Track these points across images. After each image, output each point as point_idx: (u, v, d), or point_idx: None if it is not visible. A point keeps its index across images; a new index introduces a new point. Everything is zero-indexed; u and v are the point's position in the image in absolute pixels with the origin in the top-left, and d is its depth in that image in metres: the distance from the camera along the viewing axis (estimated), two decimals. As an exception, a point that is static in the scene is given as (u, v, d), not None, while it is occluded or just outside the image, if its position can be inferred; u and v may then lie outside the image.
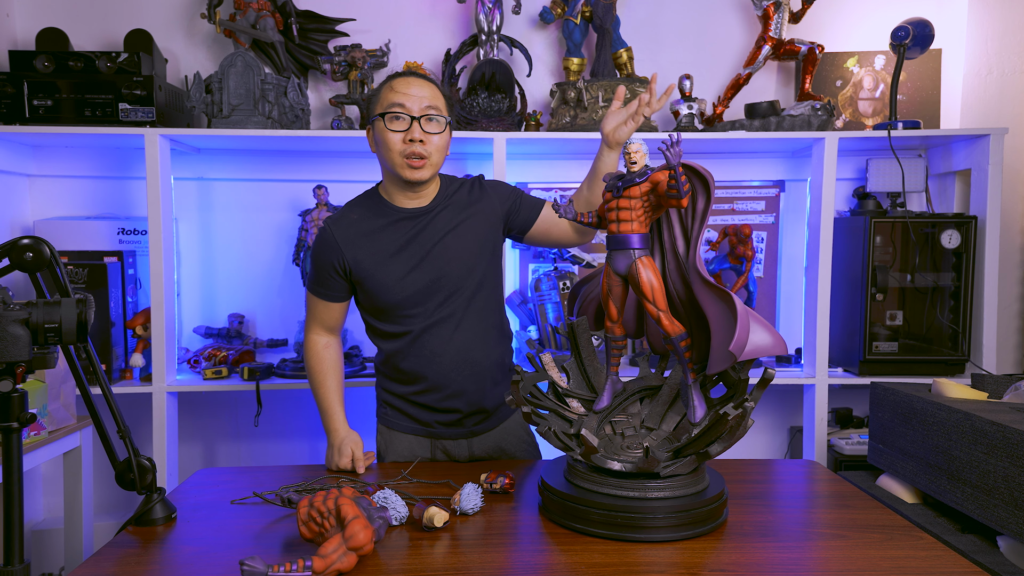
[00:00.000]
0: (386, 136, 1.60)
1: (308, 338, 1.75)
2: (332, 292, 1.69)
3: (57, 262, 1.18)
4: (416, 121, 1.59)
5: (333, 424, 1.71)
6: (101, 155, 2.59)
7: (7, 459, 1.11)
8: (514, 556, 1.20)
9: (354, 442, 1.67)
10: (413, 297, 1.64)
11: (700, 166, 1.31)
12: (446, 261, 1.66)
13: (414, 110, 1.59)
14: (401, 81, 1.62)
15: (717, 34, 2.71)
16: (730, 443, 1.23)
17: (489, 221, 1.71)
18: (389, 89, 1.62)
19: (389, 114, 1.59)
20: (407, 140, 1.59)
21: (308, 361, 1.75)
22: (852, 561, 1.18)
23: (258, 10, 2.46)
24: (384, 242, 1.65)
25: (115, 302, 2.39)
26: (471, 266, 1.67)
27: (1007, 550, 1.58)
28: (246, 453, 2.75)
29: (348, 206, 1.72)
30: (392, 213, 1.68)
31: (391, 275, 1.64)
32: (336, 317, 1.73)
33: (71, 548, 2.28)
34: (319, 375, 1.73)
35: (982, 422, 1.59)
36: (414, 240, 1.65)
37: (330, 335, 1.75)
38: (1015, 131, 2.48)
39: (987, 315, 2.40)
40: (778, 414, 2.82)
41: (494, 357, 1.72)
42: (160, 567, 1.17)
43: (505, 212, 1.74)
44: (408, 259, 1.65)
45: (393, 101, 1.59)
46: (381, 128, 1.61)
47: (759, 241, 2.72)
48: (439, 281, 1.65)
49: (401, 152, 1.59)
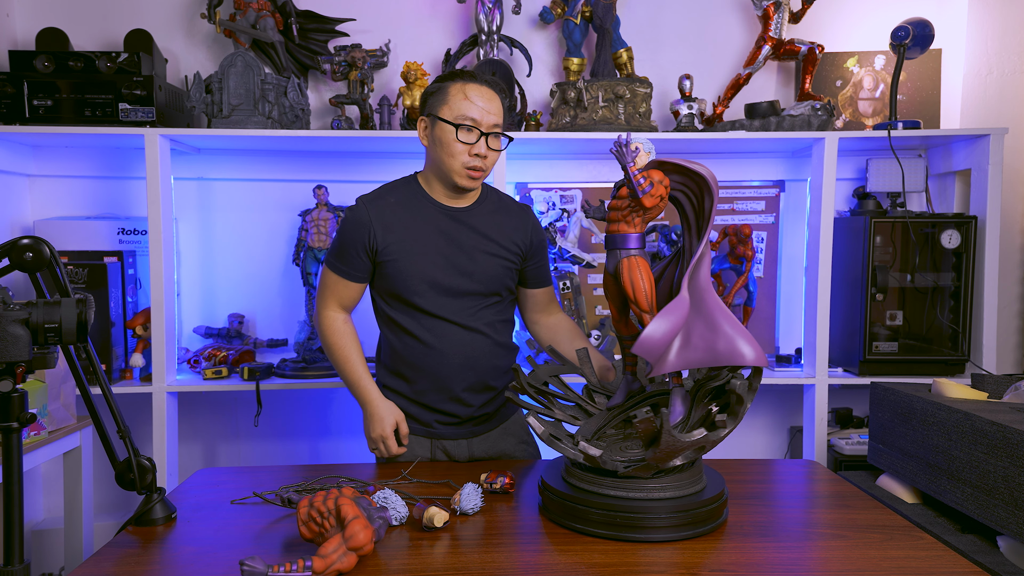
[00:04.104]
0: (452, 145, 1.60)
1: (324, 314, 1.72)
2: (353, 271, 1.68)
3: (57, 262, 1.18)
4: (484, 137, 1.60)
5: (367, 394, 1.69)
6: (101, 155, 2.59)
7: (7, 459, 1.11)
8: (514, 556, 1.20)
9: (397, 414, 1.68)
10: (432, 291, 1.65)
11: (700, 165, 1.31)
12: (474, 264, 1.66)
13: (484, 125, 1.60)
14: (475, 91, 1.61)
15: (717, 34, 2.71)
16: (659, 450, 1.21)
17: (516, 239, 1.73)
18: (462, 95, 1.60)
19: (462, 127, 1.59)
20: (472, 153, 1.60)
21: (329, 337, 1.72)
22: (852, 561, 1.18)
23: (258, 10, 2.46)
24: (417, 232, 1.66)
25: (115, 302, 2.39)
26: (494, 274, 1.69)
27: (1007, 550, 1.58)
28: (246, 453, 2.75)
29: (385, 189, 1.72)
30: (431, 206, 1.68)
31: (416, 265, 1.64)
32: (353, 296, 1.72)
33: (71, 548, 2.28)
34: (343, 349, 1.71)
35: (982, 422, 1.59)
36: (447, 237, 1.66)
37: (345, 312, 1.74)
38: (1015, 131, 2.48)
39: (987, 315, 2.40)
40: (778, 414, 2.82)
41: (501, 366, 1.73)
42: (160, 567, 1.17)
43: (528, 246, 1.75)
44: (436, 254, 1.65)
45: (467, 114, 1.59)
46: (448, 133, 1.60)
47: (759, 241, 2.72)
48: (462, 282, 1.66)
49: (464, 164, 1.61)
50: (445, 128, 1.61)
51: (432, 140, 1.65)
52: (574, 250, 2.56)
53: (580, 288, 2.52)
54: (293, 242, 2.62)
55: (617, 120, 2.39)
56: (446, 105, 1.61)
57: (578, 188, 2.67)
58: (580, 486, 1.30)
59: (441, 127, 1.61)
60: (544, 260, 1.81)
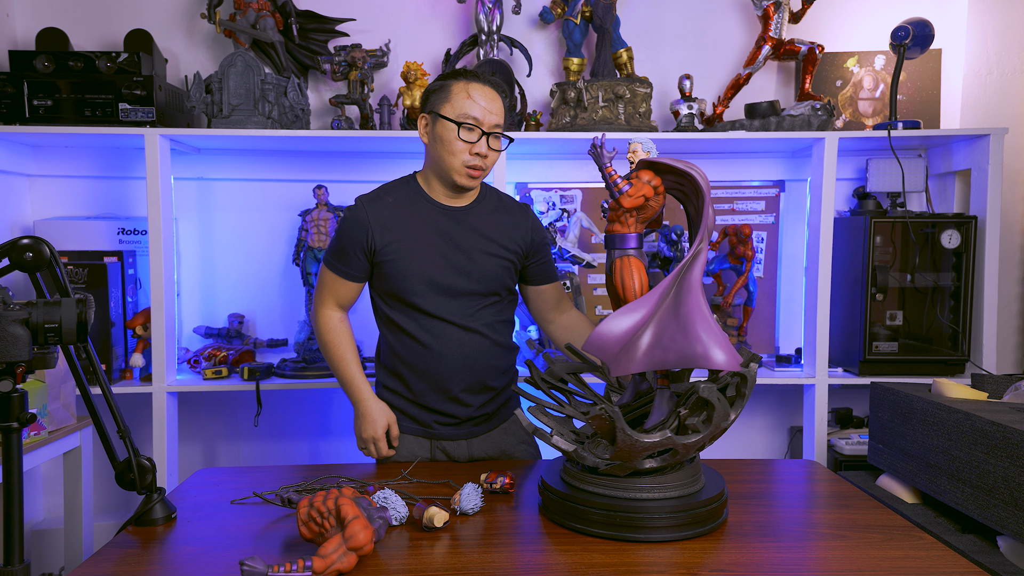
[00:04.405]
0: (453, 143, 1.60)
1: (321, 312, 1.73)
2: (351, 271, 1.68)
3: (57, 262, 1.18)
4: (486, 136, 1.61)
5: (359, 393, 1.70)
6: (101, 155, 2.59)
7: (7, 459, 1.11)
8: (514, 556, 1.20)
9: (389, 416, 1.68)
10: (430, 291, 1.65)
11: (688, 165, 1.30)
12: (472, 264, 1.66)
13: (485, 125, 1.60)
14: (478, 90, 1.61)
15: (717, 34, 2.71)
16: (617, 449, 1.21)
17: (515, 238, 1.73)
18: (465, 94, 1.60)
19: (464, 126, 1.59)
20: (473, 152, 1.60)
21: (324, 335, 1.72)
22: (852, 561, 1.18)
23: (258, 10, 2.46)
24: (416, 232, 1.65)
25: (115, 302, 2.39)
26: (493, 274, 1.69)
27: (1007, 550, 1.58)
28: (246, 453, 2.75)
29: (384, 189, 1.72)
30: (429, 206, 1.68)
31: (415, 264, 1.64)
32: (350, 295, 1.72)
33: (71, 548, 2.28)
34: (338, 348, 1.71)
35: (982, 422, 1.59)
36: (445, 237, 1.66)
37: (342, 311, 1.74)
38: (1015, 131, 2.48)
39: (987, 315, 2.40)
40: (778, 414, 2.82)
41: (500, 367, 1.73)
42: (160, 567, 1.17)
43: (528, 244, 1.75)
44: (435, 254, 1.65)
45: (469, 113, 1.59)
46: (450, 132, 1.60)
47: (759, 241, 2.72)
48: (461, 282, 1.66)
49: (464, 162, 1.61)
50: (447, 126, 1.60)
51: (433, 137, 1.65)
52: (574, 250, 2.56)
53: (580, 288, 2.52)
54: (293, 242, 2.62)
55: (617, 120, 2.39)
56: (448, 103, 1.61)
57: (578, 188, 2.67)
58: (580, 486, 1.30)
59: (443, 125, 1.61)
60: (547, 256, 1.81)
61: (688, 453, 1.24)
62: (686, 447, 1.22)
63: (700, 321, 1.22)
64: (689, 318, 1.22)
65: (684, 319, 1.22)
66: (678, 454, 1.24)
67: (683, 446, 1.22)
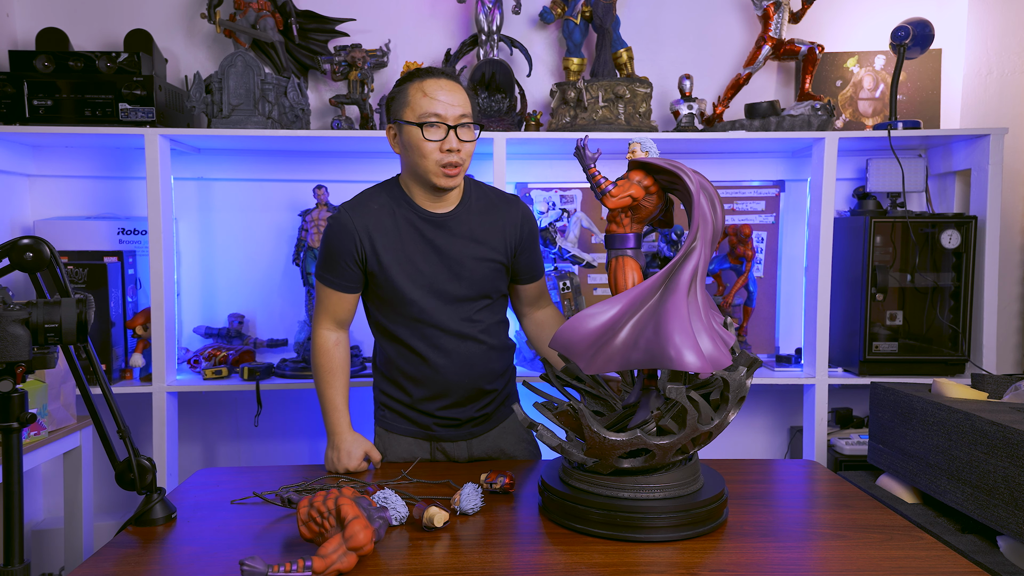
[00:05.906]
0: (421, 145, 1.56)
1: (317, 332, 1.70)
2: (344, 281, 1.64)
3: (57, 262, 1.18)
4: (452, 130, 1.56)
5: (337, 425, 1.66)
6: (101, 155, 2.59)
7: (7, 459, 1.11)
8: (514, 556, 1.20)
9: (366, 445, 1.65)
10: (422, 299, 1.63)
11: (676, 165, 1.29)
12: (462, 269, 1.64)
13: (449, 119, 1.56)
14: (433, 85, 1.57)
15: (717, 34, 2.71)
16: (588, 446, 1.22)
17: (506, 234, 1.70)
18: (421, 93, 1.56)
19: (426, 124, 1.55)
20: (444, 149, 1.56)
21: (317, 357, 1.69)
22: (852, 561, 1.18)
23: (258, 10, 2.46)
24: (403, 240, 1.63)
25: (115, 302, 2.39)
26: (483, 278, 1.66)
27: (1007, 550, 1.58)
28: (246, 453, 2.75)
29: (366, 195, 1.68)
30: (414, 213, 1.64)
31: (404, 273, 1.62)
32: (347, 309, 1.69)
33: (71, 548, 2.28)
34: (328, 373, 1.68)
35: (982, 422, 1.59)
36: (432, 245, 1.63)
37: (340, 330, 1.71)
38: (1015, 131, 2.48)
39: (987, 315, 2.39)
40: (778, 414, 2.82)
41: (497, 369, 1.72)
42: (160, 567, 1.17)
43: (518, 239, 1.71)
44: (424, 263, 1.63)
45: (428, 110, 1.55)
46: (415, 135, 1.56)
47: (759, 241, 2.72)
48: (451, 287, 1.64)
49: (438, 161, 1.56)
50: (411, 130, 1.57)
51: (403, 146, 1.61)
52: (574, 250, 2.56)
53: (580, 288, 2.52)
54: (293, 242, 2.62)
55: (617, 120, 2.39)
56: (408, 107, 1.58)
57: (578, 188, 2.67)
58: (580, 486, 1.30)
59: (408, 130, 1.58)
60: (534, 253, 1.76)
61: (666, 454, 1.23)
62: (660, 448, 1.21)
63: (676, 321, 1.20)
64: (666, 318, 1.21)
65: (660, 319, 1.22)
66: (653, 457, 1.23)
67: (656, 447, 1.21)
